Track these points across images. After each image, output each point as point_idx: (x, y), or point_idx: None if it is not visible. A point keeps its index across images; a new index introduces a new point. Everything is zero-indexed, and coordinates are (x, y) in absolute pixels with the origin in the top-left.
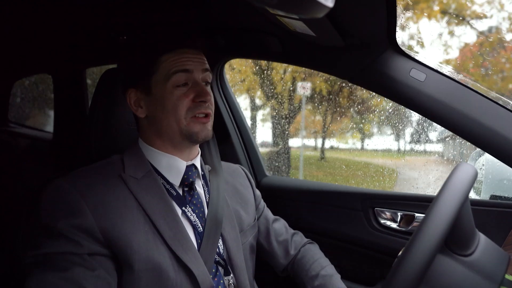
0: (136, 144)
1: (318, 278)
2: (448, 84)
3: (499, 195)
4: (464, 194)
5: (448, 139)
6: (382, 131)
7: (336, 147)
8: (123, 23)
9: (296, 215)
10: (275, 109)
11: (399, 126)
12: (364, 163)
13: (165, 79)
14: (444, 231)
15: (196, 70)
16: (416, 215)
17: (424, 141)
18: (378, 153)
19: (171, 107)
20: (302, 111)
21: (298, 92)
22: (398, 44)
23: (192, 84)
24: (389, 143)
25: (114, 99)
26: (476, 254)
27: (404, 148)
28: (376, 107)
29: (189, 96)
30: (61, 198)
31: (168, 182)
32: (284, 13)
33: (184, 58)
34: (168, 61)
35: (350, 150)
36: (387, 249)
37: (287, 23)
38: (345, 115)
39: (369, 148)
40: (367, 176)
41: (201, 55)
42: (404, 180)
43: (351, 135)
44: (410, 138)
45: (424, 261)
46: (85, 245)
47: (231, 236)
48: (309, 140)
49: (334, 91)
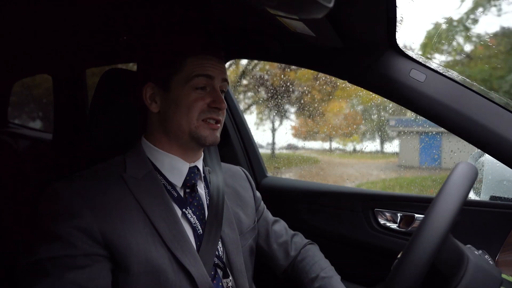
0: (139, 143)
1: (318, 280)
2: (448, 85)
3: (499, 196)
4: (464, 194)
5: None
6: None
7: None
8: (123, 24)
9: (296, 216)
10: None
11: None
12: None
13: (186, 80)
14: (444, 231)
15: (217, 78)
16: (416, 215)
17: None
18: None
19: (185, 106)
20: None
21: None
22: (398, 44)
23: (211, 89)
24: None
25: (115, 100)
26: (464, 282)
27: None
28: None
29: (206, 100)
30: (60, 201)
31: (169, 183)
32: (284, 13)
33: (208, 64)
34: (192, 63)
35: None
36: (387, 250)
37: (287, 24)
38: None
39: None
40: (292, 163)
41: (223, 65)
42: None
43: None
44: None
45: (424, 262)
46: (80, 246)
47: (230, 238)
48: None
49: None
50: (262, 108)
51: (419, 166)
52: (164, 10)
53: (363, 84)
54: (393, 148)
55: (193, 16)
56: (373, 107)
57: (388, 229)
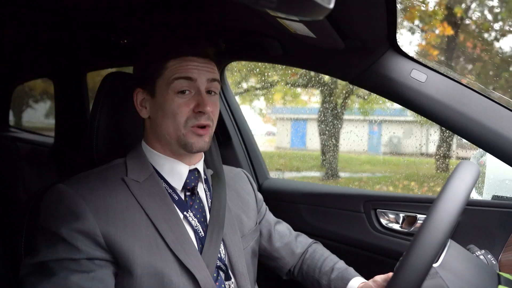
0: (139, 146)
1: (334, 271)
2: (449, 85)
3: (501, 196)
4: (466, 193)
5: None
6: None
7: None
8: (124, 27)
9: (298, 217)
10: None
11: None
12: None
13: (167, 85)
14: (446, 230)
15: (200, 79)
16: (418, 216)
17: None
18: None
19: (170, 113)
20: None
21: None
22: (398, 45)
23: (195, 93)
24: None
25: (116, 103)
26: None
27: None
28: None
29: (190, 105)
30: (62, 202)
31: (170, 186)
32: (284, 15)
33: (188, 66)
34: (172, 67)
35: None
36: (389, 251)
37: (287, 25)
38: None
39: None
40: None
41: (210, 64)
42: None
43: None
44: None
45: (427, 261)
46: (83, 250)
47: (232, 240)
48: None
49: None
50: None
51: (289, 148)
52: (165, 13)
53: (364, 85)
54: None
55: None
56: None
57: (391, 229)
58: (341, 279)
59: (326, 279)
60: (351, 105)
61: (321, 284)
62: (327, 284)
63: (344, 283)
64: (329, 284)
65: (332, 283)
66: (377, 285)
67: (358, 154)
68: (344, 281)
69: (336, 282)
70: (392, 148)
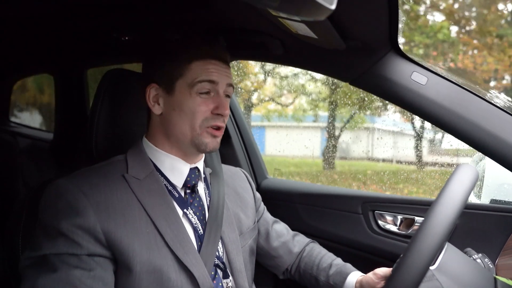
0: (140, 143)
1: (332, 267)
2: (449, 88)
3: (499, 199)
4: (464, 197)
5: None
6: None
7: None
8: (125, 24)
9: (296, 217)
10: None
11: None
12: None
13: (189, 85)
14: (444, 233)
15: (221, 83)
16: (416, 218)
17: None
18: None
19: (188, 112)
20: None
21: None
22: (400, 47)
23: (215, 95)
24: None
25: (116, 100)
26: None
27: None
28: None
29: (209, 106)
30: (63, 198)
31: (170, 183)
32: (286, 15)
33: (212, 69)
34: (196, 68)
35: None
36: (386, 253)
37: (289, 25)
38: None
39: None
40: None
41: (229, 69)
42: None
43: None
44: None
45: (424, 263)
46: (84, 245)
47: (230, 238)
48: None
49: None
50: None
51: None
52: (166, 11)
53: (364, 87)
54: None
55: (194, 16)
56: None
57: (388, 231)
58: (339, 273)
59: (324, 275)
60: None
61: (319, 280)
62: (325, 280)
63: (343, 277)
64: (328, 279)
65: (330, 279)
66: (377, 278)
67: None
68: (343, 275)
69: (334, 277)
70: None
